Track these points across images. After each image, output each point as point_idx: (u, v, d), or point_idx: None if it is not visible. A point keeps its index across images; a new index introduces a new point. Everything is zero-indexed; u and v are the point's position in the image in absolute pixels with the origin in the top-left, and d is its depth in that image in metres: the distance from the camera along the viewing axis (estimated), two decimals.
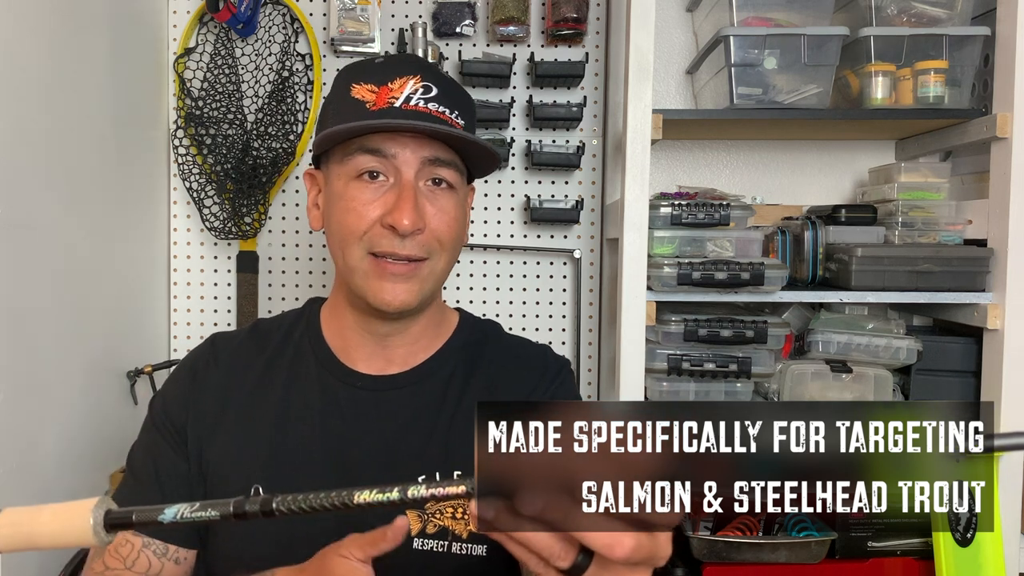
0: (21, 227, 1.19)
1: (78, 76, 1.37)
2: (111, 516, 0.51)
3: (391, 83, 0.88)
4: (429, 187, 0.89)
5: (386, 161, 0.87)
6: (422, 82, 0.88)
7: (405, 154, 0.87)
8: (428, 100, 0.87)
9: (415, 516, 0.88)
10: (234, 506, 0.51)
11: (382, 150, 0.87)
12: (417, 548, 0.88)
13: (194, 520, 0.51)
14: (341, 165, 0.89)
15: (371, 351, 0.95)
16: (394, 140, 0.87)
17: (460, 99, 0.91)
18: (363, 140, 0.87)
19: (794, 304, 1.67)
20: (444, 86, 0.89)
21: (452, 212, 0.90)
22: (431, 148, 0.88)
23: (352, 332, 0.96)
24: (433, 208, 0.89)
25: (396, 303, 0.88)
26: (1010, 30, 1.41)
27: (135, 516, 0.51)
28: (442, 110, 0.87)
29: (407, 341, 0.96)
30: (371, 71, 0.90)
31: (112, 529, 0.51)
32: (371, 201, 0.87)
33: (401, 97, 0.86)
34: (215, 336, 1.02)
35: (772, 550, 1.41)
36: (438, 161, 0.88)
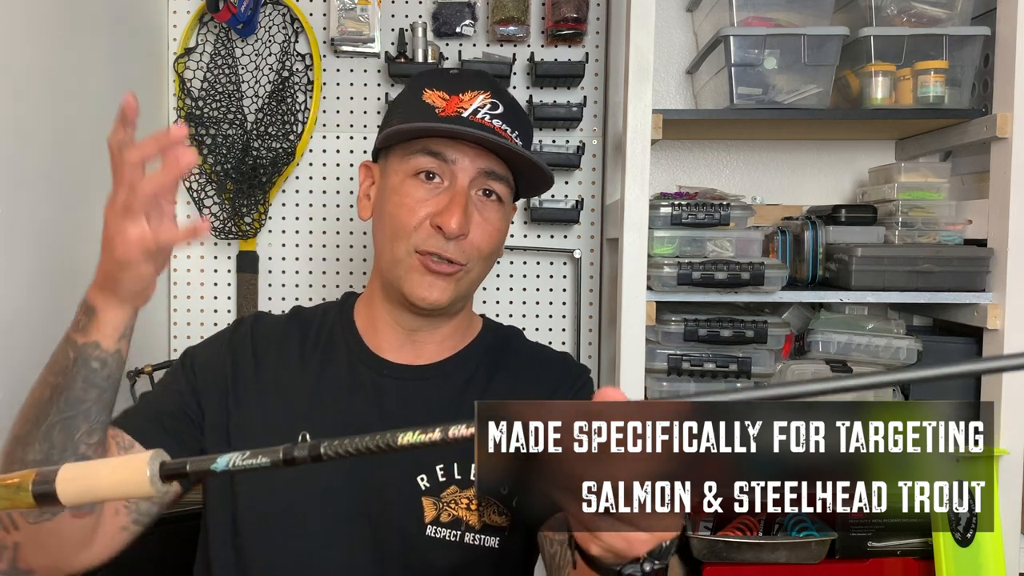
0: (21, 227, 1.19)
1: (78, 76, 1.37)
2: (166, 467, 0.53)
3: (462, 94, 0.92)
4: (480, 197, 0.93)
5: (445, 165, 0.91)
6: (491, 98, 0.92)
7: (464, 161, 0.91)
8: (494, 116, 0.91)
9: (430, 503, 0.90)
10: (283, 452, 0.52)
11: (443, 154, 0.90)
12: (430, 535, 0.89)
13: (246, 468, 0.53)
14: (401, 162, 0.93)
15: (400, 343, 0.98)
16: (455, 147, 0.91)
17: (522, 122, 0.95)
18: (427, 142, 0.91)
19: (794, 304, 1.67)
20: (510, 106, 0.94)
21: (496, 224, 0.94)
22: (488, 161, 0.92)
23: (383, 323, 0.98)
24: (480, 218, 0.92)
25: (431, 299, 0.91)
26: (1010, 30, 1.41)
27: (189, 466, 0.53)
28: (505, 128, 0.91)
29: (436, 339, 0.99)
30: (445, 80, 0.95)
31: (167, 479, 0.53)
32: (424, 199, 0.91)
33: (470, 109, 0.91)
34: (258, 313, 1.05)
35: (772, 550, 1.41)
36: (493, 174, 0.92)
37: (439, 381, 0.97)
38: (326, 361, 0.98)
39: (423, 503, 0.90)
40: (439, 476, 0.91)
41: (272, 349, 0.98)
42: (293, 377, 0.96)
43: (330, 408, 0.94)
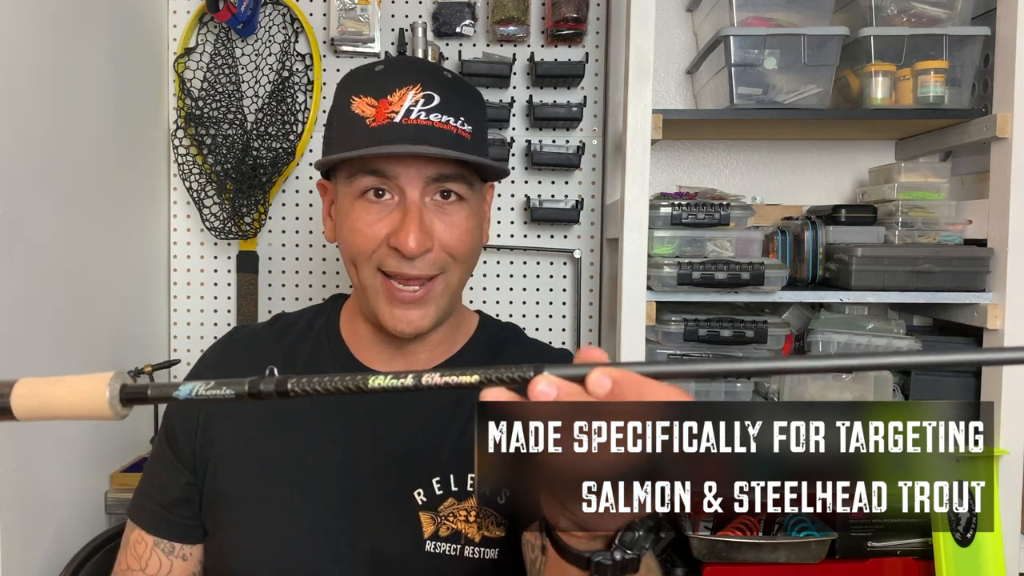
0: (21, 227, 1.19)
1: (78, 76, 1.37)
2: (127, 390, 0.51)
3: (390, 96, 0.85)
4: (437, 202, 0.87)
5: (389, 181, 0.85)
6: (422, 92, 0.85)
7: (409, 173, 0.85)
8: (430, 111, 0.84)
9: (428, 519, 0.88)
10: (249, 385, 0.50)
11: (384, 172, 0.85)
12: (430, 551, 0.88)
13: (208, 397, 0.51)
14: (346, 184, 0.88)
15: (389, 357, 0.95)
16: (397, 160, 0.84)
17: (465, 103, 0.88)
18: (365, 161, 0.85)
19: (794, 304, 1.67)
20: (446, 92, 0.86)
21: (463, 225, 0.88)
22: (435, 166, 0.85)
23: (368, 340, 0.96)
24: (443, 224, 0.87)
25: (409, 330, 0.88)
26: (1010, 30, 1.41)
27: (150, 391, 0.51)
28: (445, 119, 0.84)
29: (427, 347, 0.96)
30: (371, 83, 0.87)
31: (128, 403, 0.51)
32: (376, 221, 0.86)
33: (401, 111, 0.84)
34: (235, 330, 1.03)
35: (772, 550, 1.41)
36: (443, 177, 0.86)
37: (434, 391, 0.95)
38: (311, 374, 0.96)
39: (421, 518, 0.88)
40: (436, 490, 0.89)
41: (254, 363, 0.95)
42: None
43: (323, 428, 0.91)
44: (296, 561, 0.88)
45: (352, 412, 0.92)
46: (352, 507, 0.89)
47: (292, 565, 0.88)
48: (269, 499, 0.90)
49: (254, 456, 0.91)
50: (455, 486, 0.89)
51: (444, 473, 0.89)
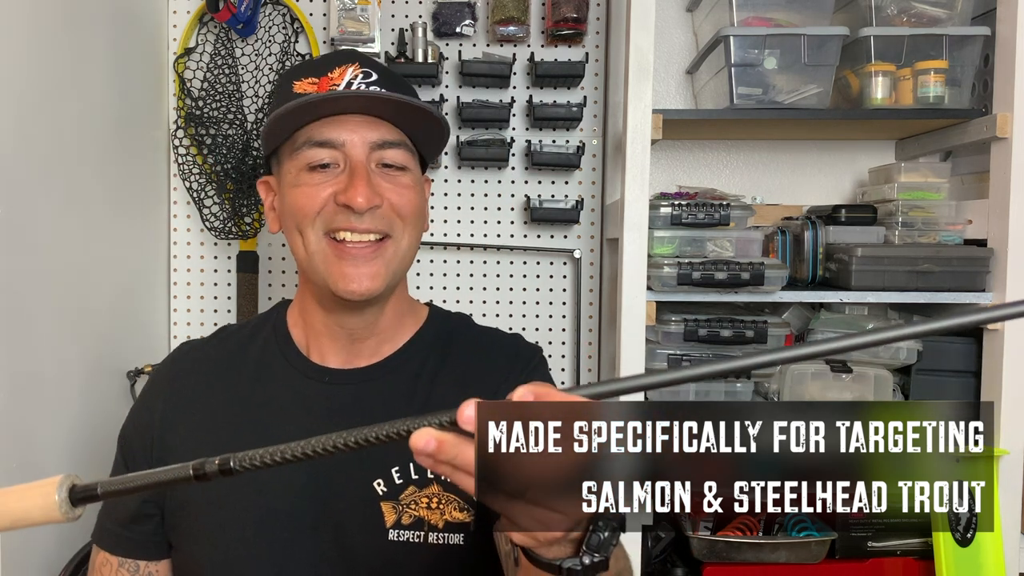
0: (21, 227, 1.19)
1: (78, 76, 1.37)
2: (76, 491, 0.52)
3: (331, 73, 0.88)
4: (381, 169, 0.89)
5: (335, 151, 0.87)
6: (361, 68, 0.88)
7: (353, 139, 0.87)
8: (370, 84, 0.87)
9: (390, 507, 0.88)
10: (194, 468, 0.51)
11: (331, 140, 0.87)
12: (393, 539, 0.88)
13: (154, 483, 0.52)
14: (291, 160, 0.89)
15: (340, 345, 0.95)
16: (341, 127, 0.87)
17: (401, 85, 0.91)
18: (310, 132, 0.87)
19: (794, 304, 1.67)
20: (384, 72, 0.90)
21: (410, 187, 0.90)
22: (378, 131, 0.88)
23: (319, 330, 0.95)
24: (389, 184, 0.89)
25: (361, 289, 0.87)
26: (1010, 30, 1.41)
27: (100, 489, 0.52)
28: (383, 92, 0.87)
29: (375, 332, 0.95)
30: (310, 67, 0.91)
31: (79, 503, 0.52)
32: (323, 183, 0.87)
33: (342, 83, 0.87)
34: (181, 345, 1.03)
35: (772, 550, 1.41)
36: (386, 144, 0.88)
37: (387, 380, 0.94)
38: (259, 376, 0.95)
39: (382, 508, 0.88)
40: (395, 479, 0.89)
41: (199, 375, 0.96)
42: (227, 403, 0.93)
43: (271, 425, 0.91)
44: (263, 561, 0.88)
45: (308, 408, 0.92)
46: (315, 502, 0.89)
47: (259, 565, 0.88)
48: (231, 502, 0.89)
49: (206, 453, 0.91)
50: (415, 474, 0.89)
51: (403, 462, 0.89)
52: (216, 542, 0.90)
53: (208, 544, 0.90)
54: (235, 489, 0.89)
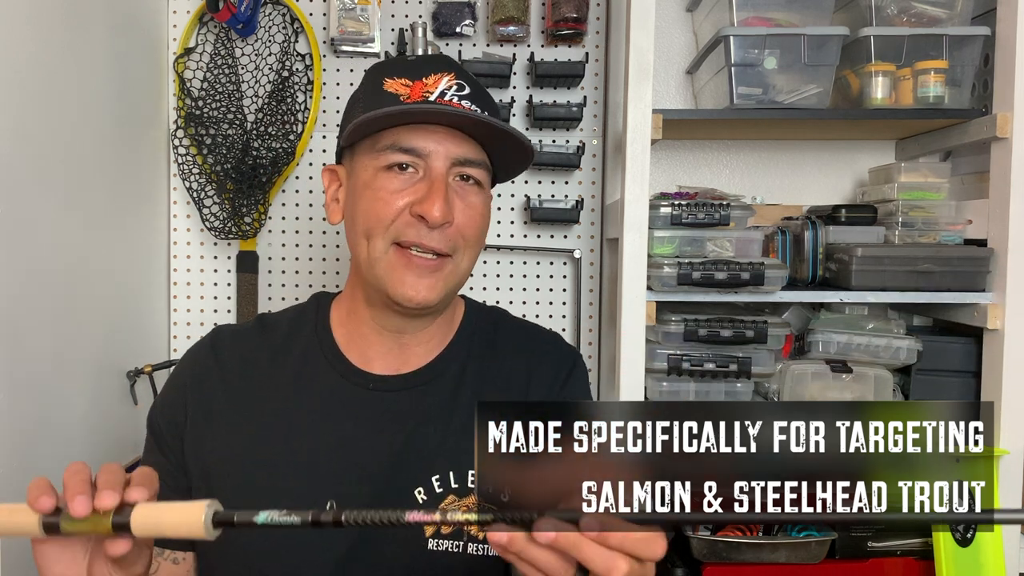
0: (21, 227, 1.19)
1: (78, 76, 1.37)
2: (217, 515, 0.62)
3: (425, 78, 0.87)
4: (459, 183, 0.89)
5: (418, 159, 0.87)
6: (456, 79, 0.88)
7: (439, 151, 0.86)
8: (462, 97, 0.86)
9: None
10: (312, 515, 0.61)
11: (416, 149, 0.86)
12: (433, 548, 0.87)
13: (280, 524, 0.60)
14: (370, 158, 0.88)
15: (387, 349, 0.94)
16: (428, 137, 0.86)
17: (491, 103, 0.91)
18: (396, 136, 0.86)
19: (794, 304, 1.67)
20: (475, 86, 0.89)
21: (479, 209, 0.90)
22: (463, 148, 0.87)
23: (366, 331, 0.94)
24: (462, 203, 0.88)
25: (418, 298, 0.87)
26: (1010, 30, 1.41)
27: (236, 517, 0.62)
28: (475, 109, 0.86)
29: (423, 340, 0.95)
30: (405, 67, 0.90)
31: (218, 526, 0.62)
32: (400, 190, 0.86)
33: (436, 92, 0.86)
34: (218, 329, 1.00)
35: (772, 550, 1.41)
36: (468, 162, 0.88)
37: (429, 387, 0.94)
38: (302, 377, 0.93)
39: None
40: (435, 488, 0.88)
41: (240, 367, 0.94)
42: (265, 399, 0.92)
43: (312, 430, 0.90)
44: (296, 565, 0.87)
45: (350, 414, 0.91)
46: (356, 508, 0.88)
47: (292, 570, 0.87)
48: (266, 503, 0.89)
49: (250, 458, 0.90)
50: (455, 483, 0.89)
51: (443, 471, 0.89)
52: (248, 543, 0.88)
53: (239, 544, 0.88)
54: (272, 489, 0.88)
